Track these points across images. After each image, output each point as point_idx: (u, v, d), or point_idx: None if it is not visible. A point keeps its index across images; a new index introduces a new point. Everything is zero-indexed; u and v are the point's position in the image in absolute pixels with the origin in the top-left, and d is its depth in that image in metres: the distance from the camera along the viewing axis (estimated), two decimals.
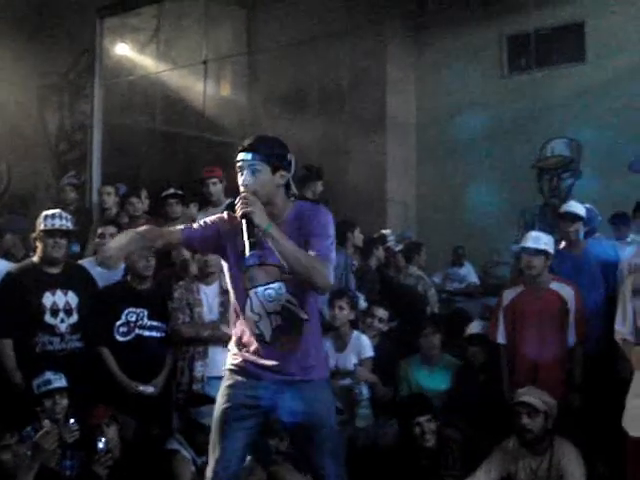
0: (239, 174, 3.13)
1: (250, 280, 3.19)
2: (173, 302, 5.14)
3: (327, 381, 3.35)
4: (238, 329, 3.30)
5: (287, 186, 3.19)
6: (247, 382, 3.24)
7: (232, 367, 3.30)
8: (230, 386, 3.27)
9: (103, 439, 4.30)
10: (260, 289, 3.19)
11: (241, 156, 3.12)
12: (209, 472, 3.26)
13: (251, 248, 2.97)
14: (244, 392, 3.23)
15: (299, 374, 3.21)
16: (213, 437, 3.28)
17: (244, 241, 2.97)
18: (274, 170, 3.11)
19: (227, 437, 3.22)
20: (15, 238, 6.41)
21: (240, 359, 3.28)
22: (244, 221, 2.98)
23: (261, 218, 2.96)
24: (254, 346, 3.23)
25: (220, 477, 3.22)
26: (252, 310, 3.21)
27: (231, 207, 3.16)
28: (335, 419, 3.36)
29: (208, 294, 5.16)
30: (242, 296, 3.23)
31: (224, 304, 5.05)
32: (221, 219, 3.29)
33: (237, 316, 3.29)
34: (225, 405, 3.25)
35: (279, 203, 3.16)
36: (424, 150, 10.97)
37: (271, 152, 3.12)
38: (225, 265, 3.30)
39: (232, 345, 3.34)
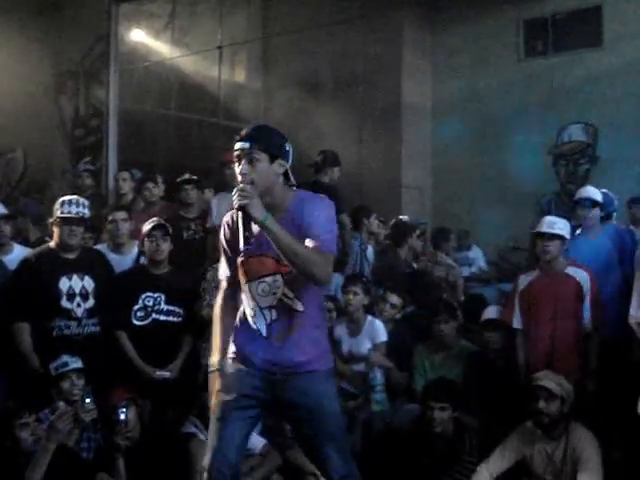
0: (236, 163, 3.11)
1: (246, 273, 3.19)
2: (204, 283, 5.14)
3: (327, 373, 3.25)
4: (239, 320, 3.30)
5: (286, 176, 3.18)
6: (247, 371, 3.21)
7: (233, 356, 3.27)
8: (231, 375, 3.24)
9: (124, 410, 4.35)
10: (254, 283, 3.18)
11: (239, 145, 3.09)
12: (206, 460, 3.20)
13: (245, 242, 2.99)
14: (244, 382, 3.21)
15: (295, 366, 3.16)
16: (212, 426, 3.24)
17: (239, 234, 2.98)
18: (272, 159, 3.09)
19: (226, 426, 3.18)
20: (26, 221, 6.45)
21: (240, 349, 3.25)
22: (240, 214, 2.97)
23: (257, 210, 2.92)
24: (252, 338, 3.22)
25: (218, 465, 3.16)
26: (248, 304, 3.22)
27: None
28: (337, 412, 3.27)
29: None
30: (242, 289, 3.25)
31: None
32: (227, 224, 3.28)
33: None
34: (225, 394, 3.22)
35: (278, 193, 3.14)
36: (439, 136, 10.92)
37: (269, 141, 3.11)
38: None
39: (234, 335, 3.31)
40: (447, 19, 10.79)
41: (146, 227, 5.18)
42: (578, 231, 5.48)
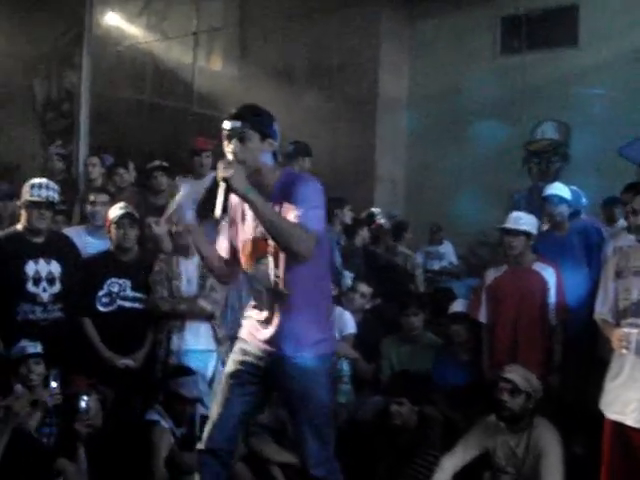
0: (226, 142, 3.11)
1: (249, 256, 3.20)
2: (153, 275, 5.08)
3: (319, 358, 3.20)
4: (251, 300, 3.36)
5: (274, 155, 3.19)
6: (250, 351, 3.27)
7: (240, 335, 3.35)
8: (236, 352, 3.32)
9: (85, 398, 4.33)
10: (255, 265, 3.19)
11: (229, 124, 3.10)
12: (205, 433, 3.28)
13: (223, 211, 2.97)
14: (247, 359, 3.26)
15: (287, 350, 3.17)
16: (215, 400, 3.32)
17: (218, 203, 2.96)
18: (263, 138, 3.11)
19: (227, 400, 3.24)
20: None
21: (246, 329, 3.33)
22: (222, 184, 2.95)
23: (240, 182, 2.94)
24: (255, 318, 3.28)
25: (214, 439, 3.24)
26: (252, 286, 3.26)
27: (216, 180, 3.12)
28: (322, 398, 3.22)
29: (188, 267, 5.10)
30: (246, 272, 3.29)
31: (203, 277, 5.04)
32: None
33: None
34: (229, 370, 3.30)
35: (267, 171, 3.15)
36: (414, 129, 10.92)
37: (260, 120, 3.12)
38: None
39: (245, 315, 3.40)
40: (425, 12, 10.77)
41: (113, 214, 5.13)
42: (545, 227, 5.51)
